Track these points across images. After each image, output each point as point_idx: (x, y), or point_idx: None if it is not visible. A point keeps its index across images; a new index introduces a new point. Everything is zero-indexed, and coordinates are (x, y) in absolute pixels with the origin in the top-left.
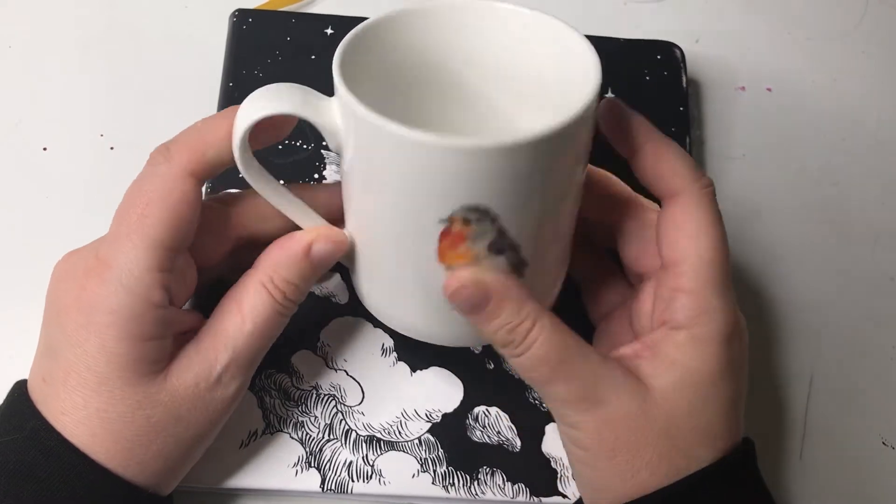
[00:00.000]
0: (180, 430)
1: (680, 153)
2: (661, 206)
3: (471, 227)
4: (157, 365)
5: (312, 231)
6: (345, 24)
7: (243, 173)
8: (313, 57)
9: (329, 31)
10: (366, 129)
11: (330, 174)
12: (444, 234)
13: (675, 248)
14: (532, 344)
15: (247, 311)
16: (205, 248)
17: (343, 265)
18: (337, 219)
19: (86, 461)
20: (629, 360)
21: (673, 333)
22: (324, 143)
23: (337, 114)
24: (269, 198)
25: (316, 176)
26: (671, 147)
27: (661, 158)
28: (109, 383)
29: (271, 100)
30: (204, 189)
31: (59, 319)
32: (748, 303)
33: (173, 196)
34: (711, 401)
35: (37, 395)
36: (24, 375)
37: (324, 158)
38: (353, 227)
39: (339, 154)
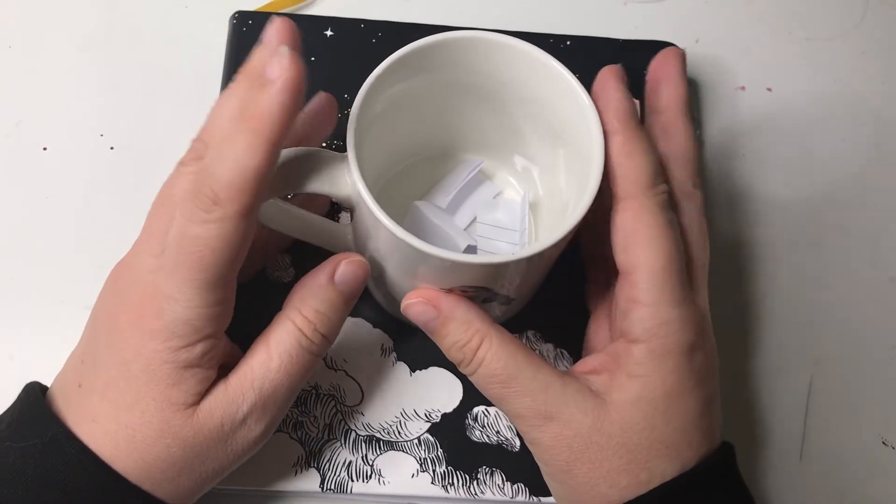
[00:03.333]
0: (197, 465)
1: (646, 152)
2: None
3: (467, 293)
4: (192, 396)
5: (334, 259)
6: (344, 25)
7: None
8: (313, 59)
9: (329, 32)
10: (388, 237)
11: None
12: (445, 292)
13: (629, 255)
14: (482, 361)
15: (273, 346)
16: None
17: None
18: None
19: (106, 470)
20: (593, 372)
21: (631, 347)
22: (323, 145)
23: (352, 192)
24: (295, 234)
25: None
26: (640, 144)
27: (626, 154)
28: (143, 404)
29: (293, 180)
30: None
31: (110, 336)
32: (748, 303)
33: (235, 242)
34: (672, 415)
35: (67, 398)
36: (25, 375)
37: None
38: (364, 245)
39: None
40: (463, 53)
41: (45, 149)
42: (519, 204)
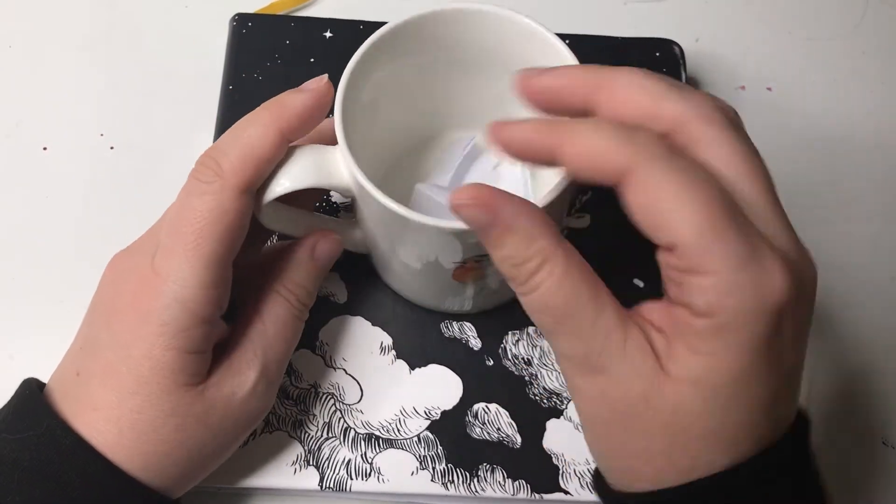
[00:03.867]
0: (207, 439)
1: (599, 124)
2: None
3: (482, 262)
4: (195, 377)
5: (312, 236)
6: (343, 27)
7: (267, 226)
8: (312, 60)
9: (328, 34)
10: (392, 217)
11: None
12: (458, 267)
13: (662, 232)
14: (537, 287)
15: (266, 316)
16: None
17: (340, 265)
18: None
19: (100, 460)
20: (652, 325)
21: (695, 320)
22: None
23: (350, 181)
24: (297, 234)
25: None
26: (586, 124)
27: (582, 140)
28: (147, 388)
29: (292, 176)
30: None
31: (108, 320)
32: None
33: (229, 217)
34: (736, 406)
35: (66, 388)
36: (25, 375)
37: None
38: (370, 233)
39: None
40: (446, 27)
41: (45, 149)
42: (519, 172)
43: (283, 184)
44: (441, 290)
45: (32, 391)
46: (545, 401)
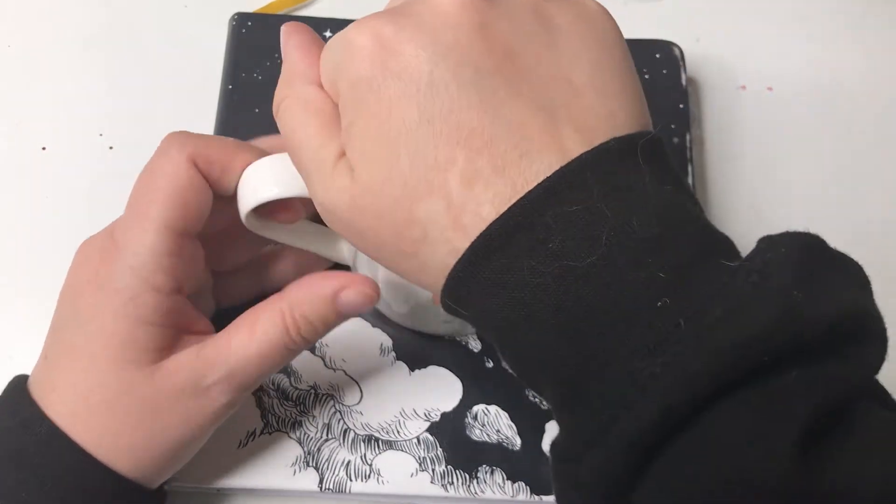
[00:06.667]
0: (157, 428)
1: None
2: None
3: None
4: (147, 354)
5: (347, 277)
6: (343, 27)
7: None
8: None
9: (327, 34)
10: None
11: None
12: None
13: None
14: None
15: (258, 332)
16: (225, 252)
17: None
18: None
19: (74, 449)
20: None
21: None
22: None
23: None
24: (284, 240)
25: None
26: None
27: None
28: (98, 364)
29: (276, 183)
30: None
31: (73, 298)
32: None
33: (180, 180)
34: None
35: (37, 374)
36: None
37: None
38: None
39: None
40: None
41: (44, 149)
42: None
43: (270, 189)
44: (417, 311)
45: (17, 383)
46: (545, 403)
